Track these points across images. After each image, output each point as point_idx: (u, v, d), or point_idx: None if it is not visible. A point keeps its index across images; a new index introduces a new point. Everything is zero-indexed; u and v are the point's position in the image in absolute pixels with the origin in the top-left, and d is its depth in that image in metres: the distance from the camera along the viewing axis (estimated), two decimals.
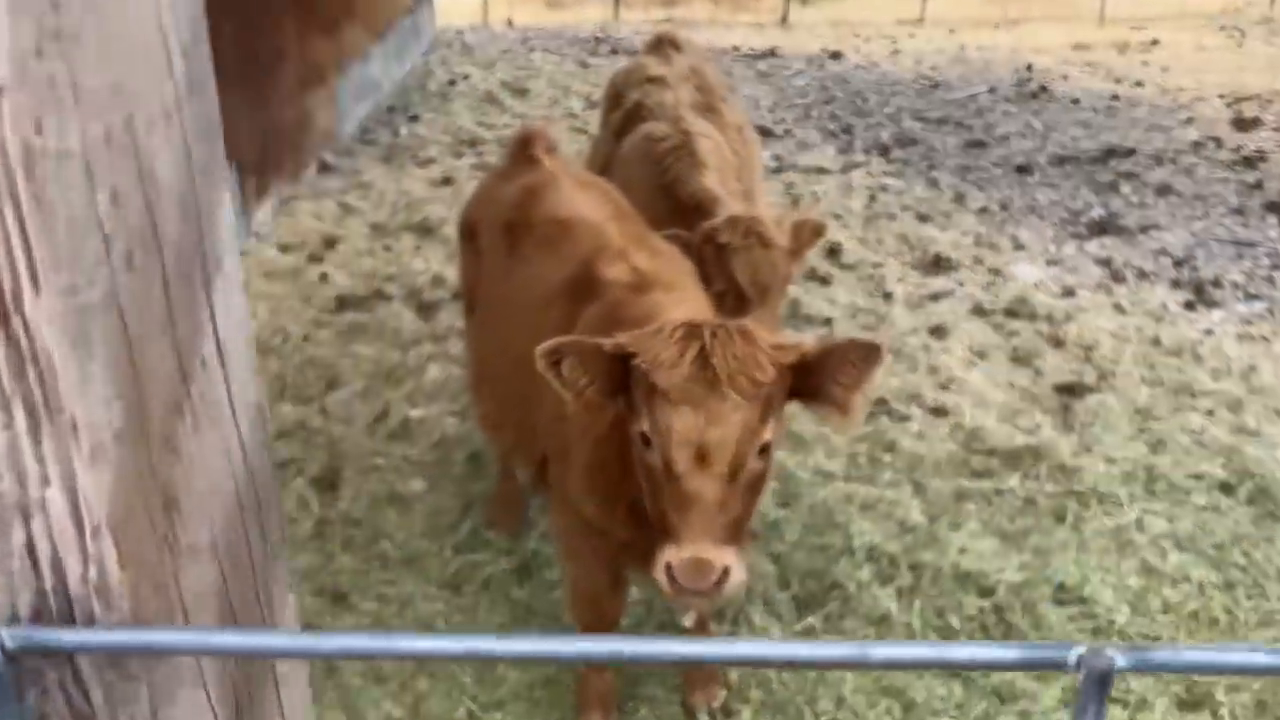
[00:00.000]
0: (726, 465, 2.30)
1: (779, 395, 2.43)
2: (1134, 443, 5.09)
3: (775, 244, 3.94)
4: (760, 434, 2.35)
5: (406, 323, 6.23)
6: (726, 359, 2.31)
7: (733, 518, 2.35)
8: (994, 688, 3.59)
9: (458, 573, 4.17)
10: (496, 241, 3.66)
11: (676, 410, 2.31)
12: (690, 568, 2.27)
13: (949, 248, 7.47)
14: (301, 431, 5.10)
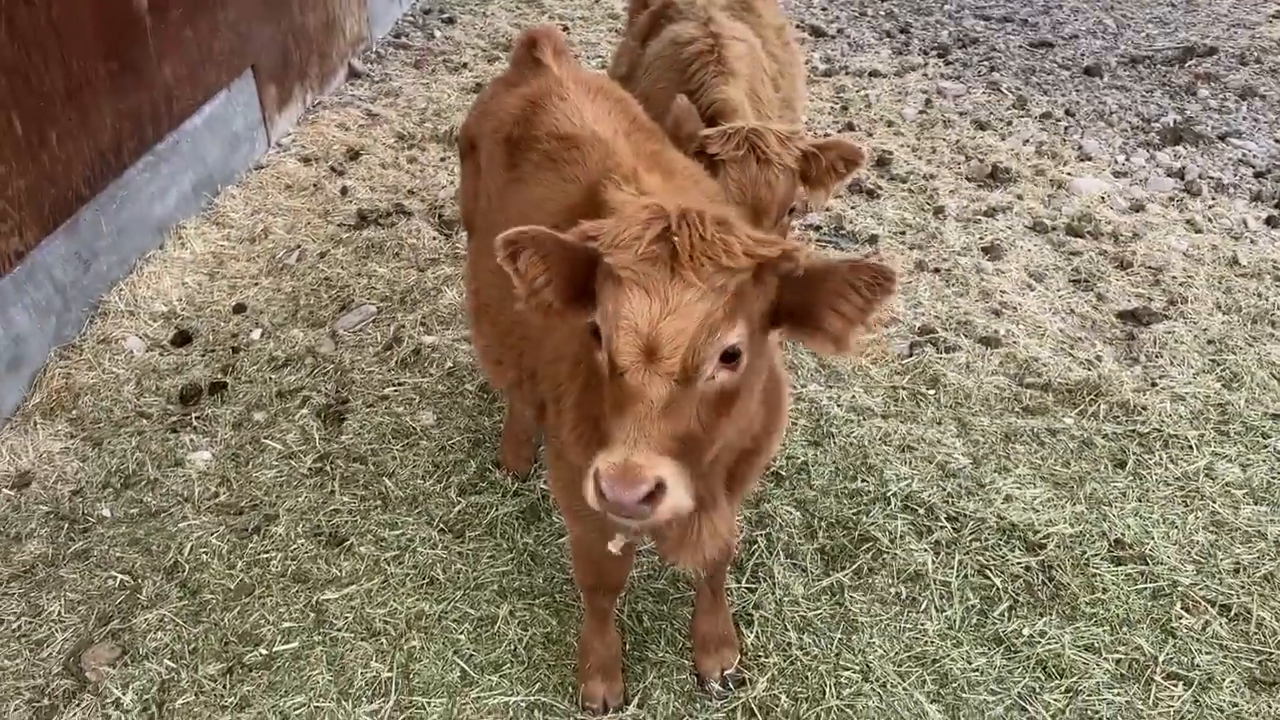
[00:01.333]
0: (678, 362, 1.95)
1: (756, 299, 2.06)
2: (1205, 377, 4.62)
3: (774, 161, 3.54)
4: (724, 333, 1.98)
5: (426, 240, 5.89)
6: (691, 237, 1.97)
7: (682, 431, 1.98)
8: (1039, 659, 3.24)
9: (461, 515, 3.90)
10: (496, 158, 3.28)
11: (626, 293, 1.98)
12: (619, 473, 1.91)
13: (1008, 158, 6.91)
14: (310, 358, 4.83)
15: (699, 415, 2.01)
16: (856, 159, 3.63)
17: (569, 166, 2.93)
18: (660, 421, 1.94)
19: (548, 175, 2.98)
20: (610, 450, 1.96)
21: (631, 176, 2.64)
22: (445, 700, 3.18)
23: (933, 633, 3.36)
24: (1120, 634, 3.33)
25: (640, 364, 1.96)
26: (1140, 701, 3.12)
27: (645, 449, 1.92)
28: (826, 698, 3.15)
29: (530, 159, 3.08)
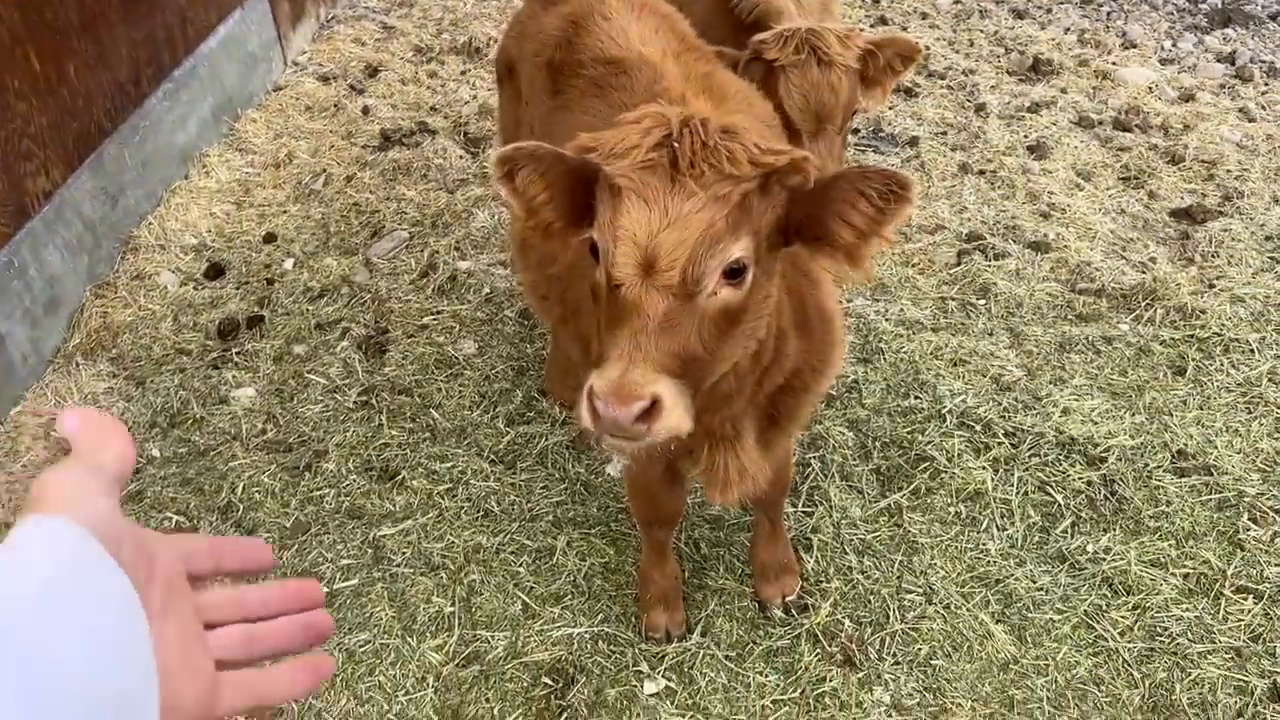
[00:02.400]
0: (678, 274, 1.84)
1: (763, 212, 1.93)
2: (1264, 276, 4.49)
3: (836, 62, 3.36)
4: (727, 244, 1.86)
5: (453, 160, 5.75)
6: (693, 146, 1.86)
7: (681, 348, 1.88)
8: (1105, 576, 3.21)
9: (511, 446, 3.86)
10: (538, 84, 3.13)
11: (624, 202, 1.87)
12: (613, 389, 1.81)
13: (1049, 48, 6.65)
14: (346, 287, 4.76)
15: (700, 333, 1.90)
16: (913, 54, 3.48)
17: (616, 93, 2.78)
18: (658, 337, 1.85)
19: (594, 103, 2.83)
20: (605, 367, 1.86)
21: (680, 102, 2.50)
22: (509, 633, 3.19)
23: (995, 552, 3.33)
24: (1187, 548, 3.29)
25: (638, 277, 1.86)
26: (1210, 616, 3.09)
27: (642, 365, 1.83)
28: (890, 621, 3.14)
29: (575, 85, 2.93)
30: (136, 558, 0.87)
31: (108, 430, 0.95)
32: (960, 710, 2.92)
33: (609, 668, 3.09)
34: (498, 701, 3.01)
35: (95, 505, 0.85)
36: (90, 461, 0.91)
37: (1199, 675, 2.95)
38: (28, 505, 0.84)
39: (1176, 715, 2.87)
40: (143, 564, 0.88)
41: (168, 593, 0.91)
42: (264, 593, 1.04)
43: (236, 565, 1.05)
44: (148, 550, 0.90)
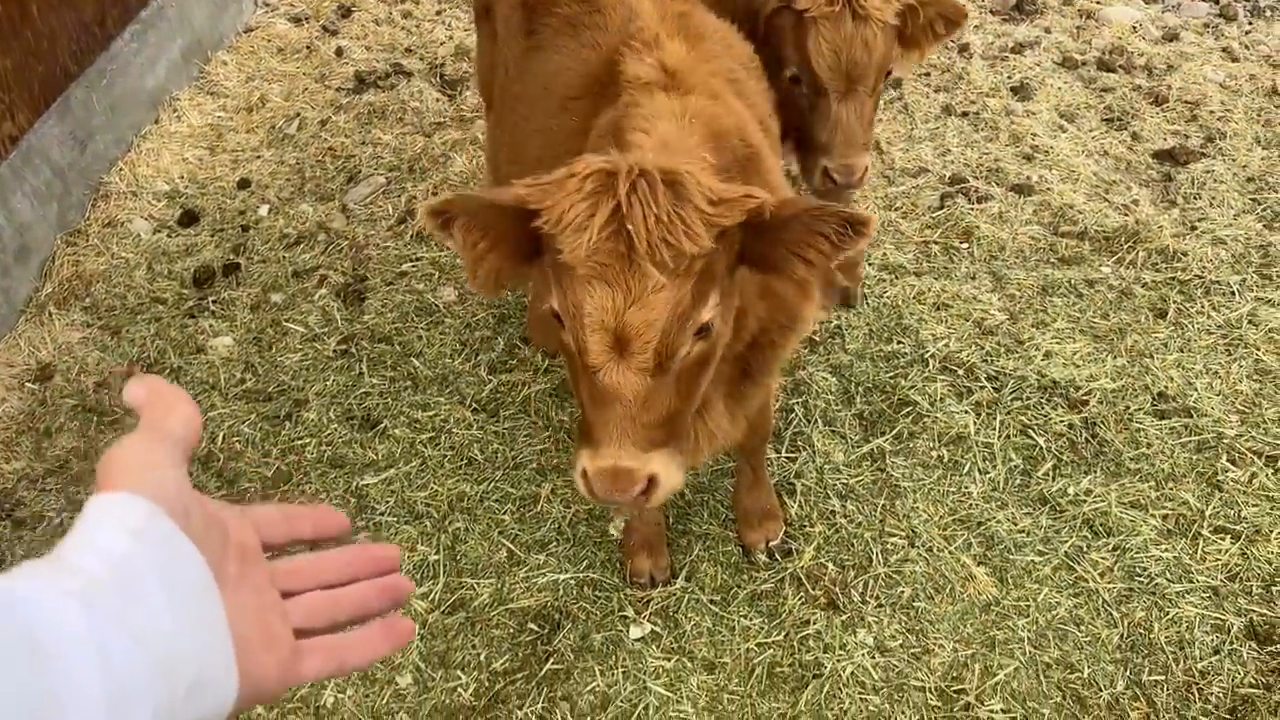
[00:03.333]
0: (650, 355, 1.83)
1: (722, 262, 1.90)
2: (1246, 218, 4.49)
3: (873, 16, 3.11)
4: (695, 314, 1.85)
5: (429, 103, 5.65)
6: (646, 221, 1.76)
7: (662, 415, 1.91)
8: (1085, 518, 3.24)
9: (494, 394, 3.84)
10: (513, 24, 3.06)
11: (585, 287, 1.82)
12: (607, 478, 1.90)
13: None
14: (323, 234, 4.69)
15: (678, 391, 1.93)
16: (958, 18, 3.22)
17: (589, 31, 2.72)
18: (641, 417, 1.87)
19: (567, 42, 2.77)
20: (596, 451, 1.89)
21: (653, 43, 2.44)
22: (494, 580, 3.20)
23: (977, 495, 3.35)
24: (1166, 489, 3.32)
25: (613, 360, 1.85)
26: (1188, 556, 3.13)
27: (632, 449, 1.87)
28: (874, 564, 3.17)
29: (549, 24, 2.86)
30: (208, 529, 0.86)
31: (172, 398, 0.93)
32: (942, 651, 2.95)
33: (594, 613, 3.11)
34: (484, 648, 3.03)
35: (164, 477, 0.85)
36: (157, 431, 0.89)
37: (1177, 614, 2.99)
38: (97, 481, 0.83)
39: (1155, 654, 2.91)
40: (215, 535, 0.88)
41: (242, 562, 0.91)
42: (340, 558, 1.04)
43: (310, 532, 1.04)
44: (219, 521, 0.90)
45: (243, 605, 0.87)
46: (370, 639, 1.00)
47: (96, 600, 0.72)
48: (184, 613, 0.78)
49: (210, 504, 0.90)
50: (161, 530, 0.80)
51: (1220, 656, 2.89)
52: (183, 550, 0.81)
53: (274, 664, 0.89)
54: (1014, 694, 2.84)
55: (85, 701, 0.68)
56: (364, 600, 1.03)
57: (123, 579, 0.75)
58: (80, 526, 0.78)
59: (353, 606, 1.02)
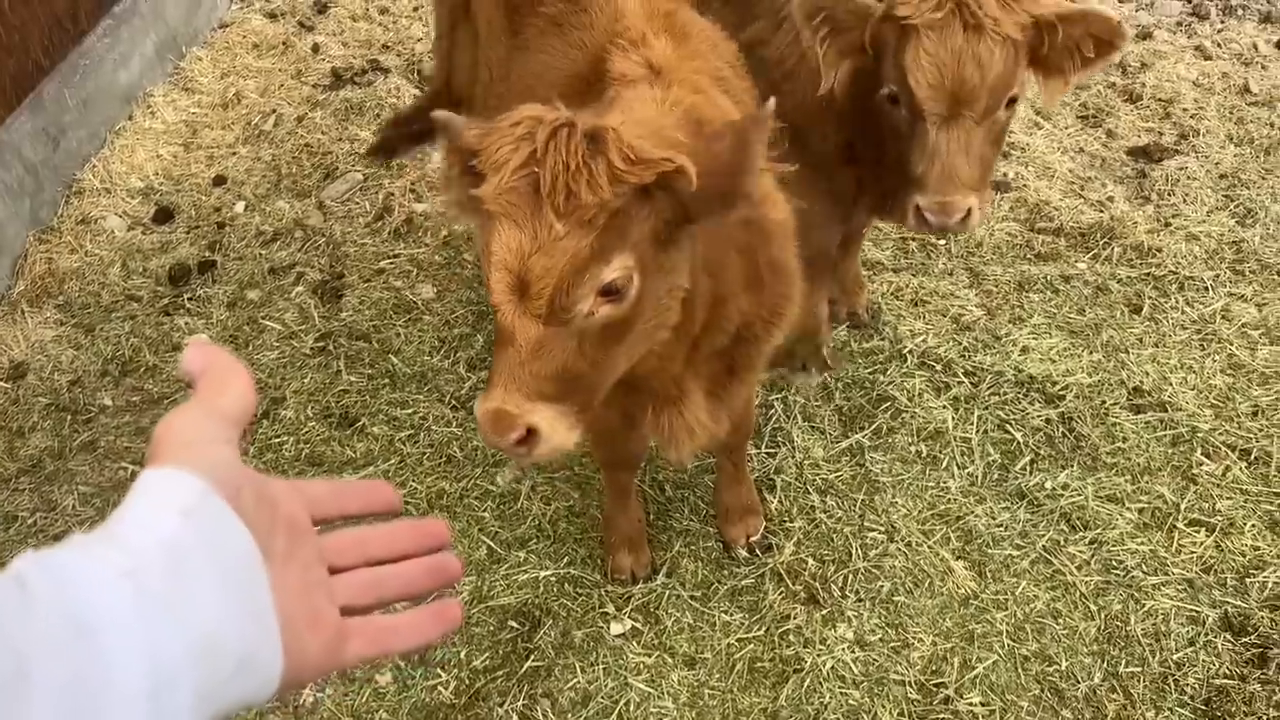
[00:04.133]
0: (544, 302, 1.81)
1: (644, 219, 1.86)
2: (1219, 214, 4.53)
3: (988, 27, 2.59)
4: (595, 270, 1.81)
5: (407, 99, 5.61)
6: (554, 167, 1.77)
7: (555, 369, 1.87)
8: (1063, 512, 3.26)
9: (473, 391, 3.83)
10: (497, 24, 3.01)
11: (495, 226, 1.83)
12: (486, 420, 1.88)
13: None
14: (300, 231, 4.66)
15: (583, 352, 1.90)
16: (1115, 39, 2.67)
17: (575, 31, 2.67)
18: (531, 363, 1.85)
19: (552, 41, 2.73)
20: (486, 392, 1.90)
21: (640, 41, 2.40)
22: (474, 578, 3.19)
23: (955, 490, 3.37)
24: (1142, 483, 3.35)
25: (511, 302, 1.84)
26: (1163, 549, 3.16)
27: (515, 395, 1.85)
28: (853, 559, 3.18)
29: (534, 24, 2.82)
30: (258, 504, 0.85)
31: (228, 370, 0.93)
32: (921, 644, 2.97)
33: (575, 610, 3.11)
34: (464, 646, 3.02)
35: (215, 452, 0.84)
36: (210, 404, 0.89)
37: (1153, 606, 3.02)
38: (149, 453, 0.84)
39: (1131, 646, 2.94)
40: (264, 510, 0.87)
41: (291, 539, 0.90)
42: (389, 534, 1.02)
43: (360, 507, 1.03)
44: (269, 496, 0.89)
45: (289, 583, 0.86)
46: (418, 623, 0.99)
47: (146, 583, 0.72)
48: (231, 594, 0.78)
49: (261, 479, 0.89)
50: (211, 509, 0.79)
51: (1195, 648, 2.92)
52: (232, 529, 0.81)
53: (319, 644, 0.88)
54: (993, 687, 2.86)
55: (128, 687, 0.68)
56: (412, 579, 1.01)
57: (172, 560, 0.75)
58: (132, 501, 0.78)
59: (400, 585, 1.00)
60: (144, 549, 0.74)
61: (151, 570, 0.73)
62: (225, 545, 0.79)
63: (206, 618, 0.75)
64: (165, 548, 0.75)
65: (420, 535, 1.04)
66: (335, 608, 0.92)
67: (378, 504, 1.04)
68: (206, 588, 0.76)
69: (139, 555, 0.74)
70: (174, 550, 0.75)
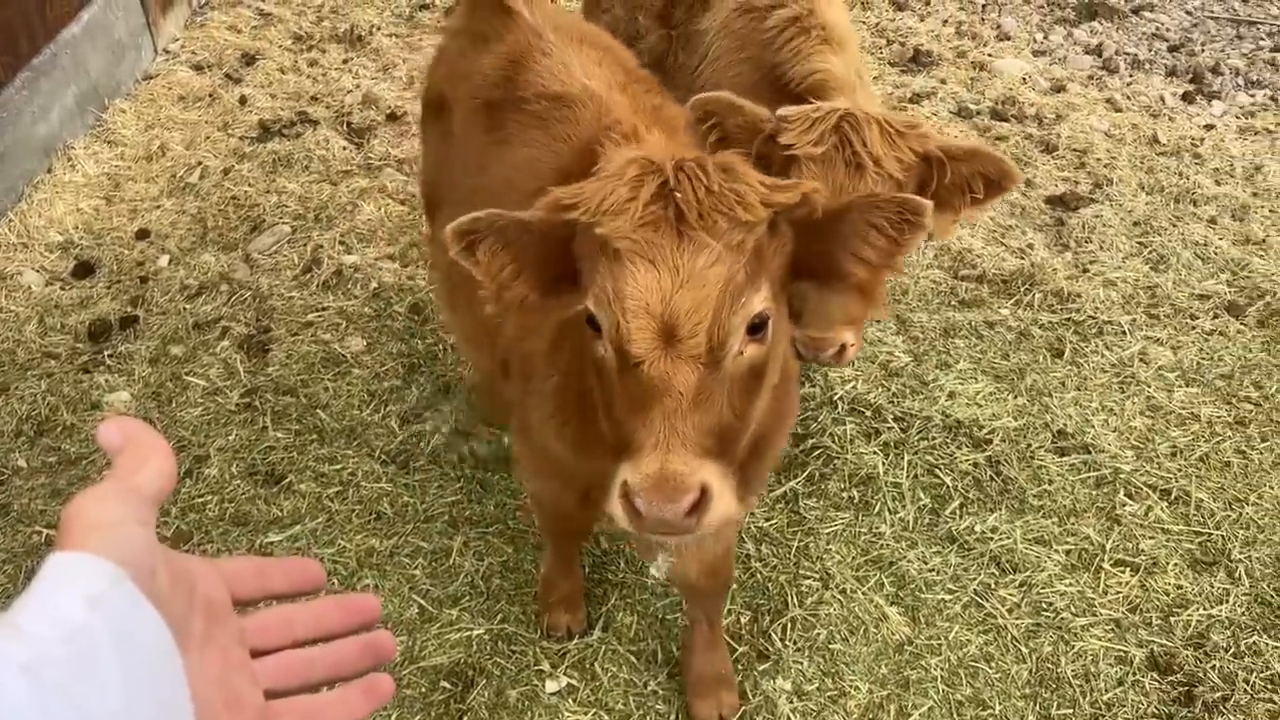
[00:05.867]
0: (704, 341, 1.67)
1: (776, 253, 1.77)
2: (1133, 260, 4.69)
3: (868, 165, 2.62)
4: (749, 298, 1.70)
5: (336, 150, 5.59)
6: (696, 193, 1.68)
7: (717, 423, 1.70)
8: (993, 555, 3.31)
9: (403, 446, 3.77)
10: (474, 124, 2.91)
11: (629, 268, 1.68)
12: (655, 485, 1.63)
13: (928, 40, 6.80)
14: (226, 285, 4.58)
15: (731, 400, 1.73)
16: (1006, 181, 2.71)
17: (560, 125, 2.60)
18: (693, 415, 1.66)
19: (535, 134, 2.65)
20: (639, 459, 1.66)
21: (631, 135, 2.31)
22: (405, 638, 3.12)
23: (888, 535, 3.40)
24: (1068, 525, 3.41)
25: (659, 350, 1.68)
26: (1090, 590, 3.21)
27: (682, 452, 1.64)
28: (789, 608, 3.18)
29: (516, 120, 2.74)
30: (173, 586, 0.82)
31: (148, 447, 0.89)
32: (858, 692, 2.97)
33: (509, 668, 3.05)
34: (395, 709, 2.94)
35: (129, 535, 0.80)
36: (126, 482, 0.85)
37: (1082, 647, 3.06)
38: (58, 535, 0.79)
39: (1062, 687, 2.97)
40: (181, 592, 0.83)
41: (209, 620, 0.87)
42: (316, 612, 0.99)
43: (284, 586, 0.99)
44: (187, 577, 0.86)
45: (207, 668, 0.84)
46: (347, 700, 0.96)
47: (45, 674, 0.68)
48: (140, 686, 0.74)
49: (178, 558, 0.86)
50: (121, 595, 0.76)
51: (1124, 688, 2.96)
52: (143, 616, 0.77)
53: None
54: None
55: None
56: (341, 659, 0.98)
57: (76, 652, 0.71)
58: (37, 588, 0.74)
59: (329, 666, 0.97)
60: (45, 640, 0.71)
61: (52, 662, 0.70)
62: (135, 633, 0.76)
63: (111, 711, 0.71)
64: (68, 638, 0.71)
65: (349, 612, 1.01)
66: (259, 690, 0.90)
67: (303, 582, 1.01)
68: (112, 683, 0.72)
69: (39, 646, 0.70)
70: (79, 643, 0.71)
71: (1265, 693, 2.93)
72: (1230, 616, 3.12)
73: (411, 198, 5.12)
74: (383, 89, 6.14)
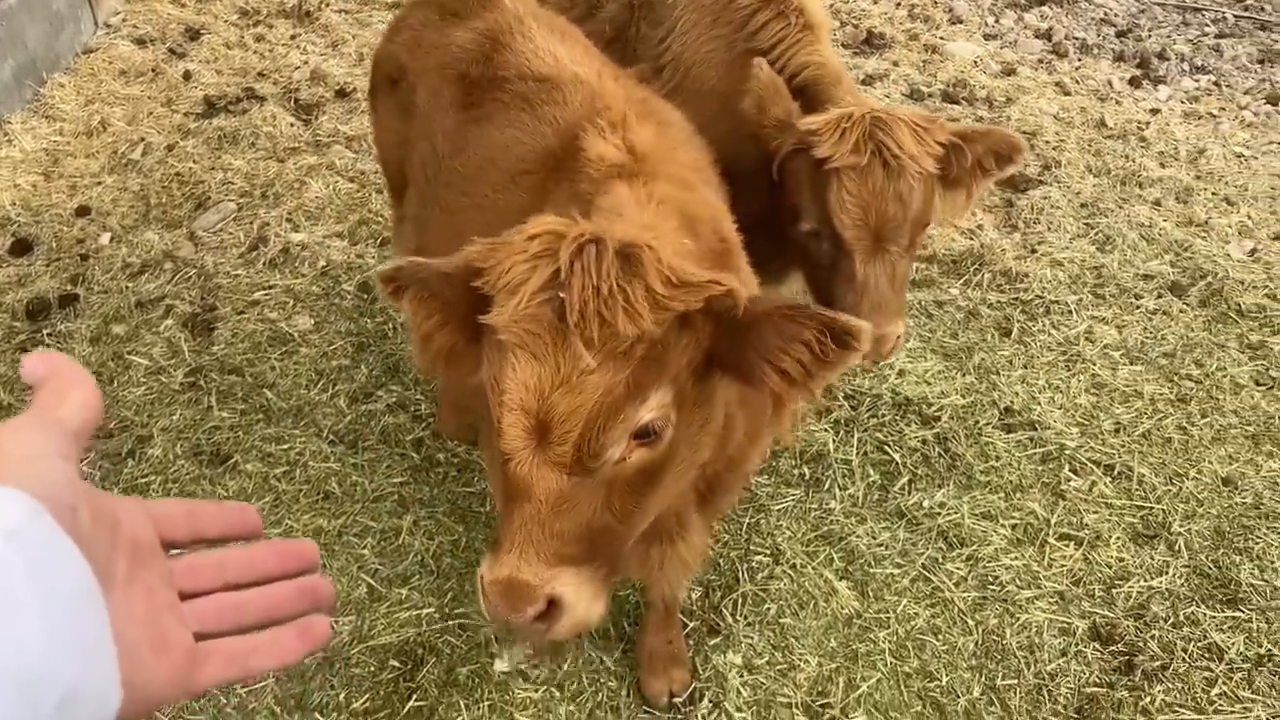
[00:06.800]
0: (570, 448, 1.58)
1: (686, 349, 1.64)
2: (1080, 241, 4.75)
3: (909, 167, 2.65)
4: (629, 411, 1.58)
5: (283, 127, 5.50)
6: (583, 291, 1.55)
7: (580, 526, 1.62)
8: (940, 530, 3.34)
9: (352, 426, 3.73)
10: (445, 96, 2.80)
11: (509, 359, 1.60)
12: (501, 592, 1.59)
13: (881, 22, 6.83)
14: (169, 263, 4.49)
15: (611, 504, 1.65)
16: (1014, 153, 2.80)
17: (548, 108, 2.50)
18: (553, 522, 1.59)
19: (520, 116, 2.54)
20: (495, 558, 1.61)
21: (621, 124, 2.20)
22: (354, 618, 3.09)
23: (838, 511, 3.42)
24: (1014, 500, 3.46)
25: (528, 449, 1.60)
26: (1036, 563, 3.26)
27: (534, 562, 1.58)
28: (740, 583, 3.19)
29: (498, 99, 2.64)
30: (96, 524, 0.79)
31: (71, 379, 0.85)
32: (807, 665, 2.98)
33: (459, 646, 3.03)
34: (343, 688, 2.91)
35: (49, 469, 0.77)
36: (48, 415, 0.82)
37: (1026, 619, 3.10)
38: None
39: (1007, 659, 3.01)
40: (104, 531, 0.80)
41: (134, 561, 0.83)
42: (250, 556, 0.96)
43: (218, 530, 0.96)
44: (110, 516, 0.82)
45: (132, 608, 0.81)
46: (281, 641, 0.93)
47: None
48: (57, 625, 0.71)
49: (102, 497, 0.82)
50: (40, 531, 0.72)
51: (1067, 658, 3.01)
52: (62, 552, 0.74)
53: (166, 669, 0.83)
54: (876, 705, 2.89)
55: None
56: (277, 602, 0.95)
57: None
58: None
59: (262, 609, 0.94)
60: None
61: None
62: (54, 573, 0.73)
63: (26, 650, 0.68)
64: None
65: (286, 557, 0.98)
66: (188, 631, 0.87)
67: (238, 526, 0.98)
68: (28, 621, 0.69)
69: None
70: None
71: (1202, 661, 2.99)
72: (1170, 588, 3.18)
73: (361, 175, 5.06)
74: (332, 65, 6.05)
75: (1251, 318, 4.28)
